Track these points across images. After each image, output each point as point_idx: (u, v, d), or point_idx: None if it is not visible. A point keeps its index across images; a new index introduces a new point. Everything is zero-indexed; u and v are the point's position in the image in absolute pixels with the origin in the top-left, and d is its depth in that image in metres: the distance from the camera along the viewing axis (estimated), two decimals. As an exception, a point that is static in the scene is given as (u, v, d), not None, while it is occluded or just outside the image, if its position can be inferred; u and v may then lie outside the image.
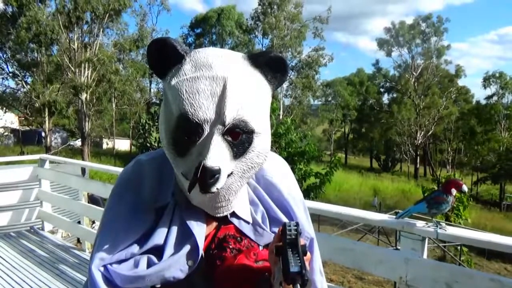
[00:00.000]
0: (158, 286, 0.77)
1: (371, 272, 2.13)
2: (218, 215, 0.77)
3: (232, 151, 0.68)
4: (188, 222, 0.76)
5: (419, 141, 35.66)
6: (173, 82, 0.69)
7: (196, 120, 0.66)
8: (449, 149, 35.16)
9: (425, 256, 1.94)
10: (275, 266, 0.67)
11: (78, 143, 27.04)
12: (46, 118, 22.13)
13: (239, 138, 0.68)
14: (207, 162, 0.64)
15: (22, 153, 22.14)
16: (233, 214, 0.79)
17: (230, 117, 0.66)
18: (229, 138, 0.68)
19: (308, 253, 0.72)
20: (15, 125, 28.91)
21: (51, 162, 4.93)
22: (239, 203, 0.79)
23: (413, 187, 25.96)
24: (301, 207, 0.87)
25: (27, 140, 28.51)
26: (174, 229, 0.76)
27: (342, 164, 11.83)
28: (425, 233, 1.88)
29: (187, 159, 0.69)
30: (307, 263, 0.65)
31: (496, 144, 30.38)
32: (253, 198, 0.83)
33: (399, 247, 2.17)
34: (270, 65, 0.74)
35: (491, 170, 26.93)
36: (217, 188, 0.66)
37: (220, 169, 0.65)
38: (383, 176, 34.30)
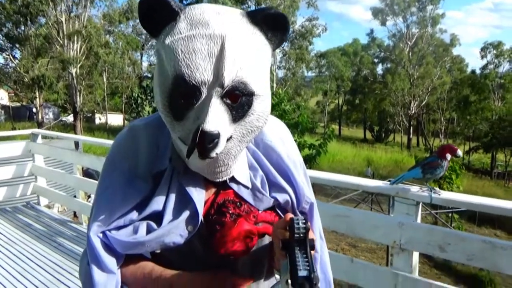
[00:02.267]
0: (158, 251, 0.77)
1: (366, 238, 2.17)
2: (217, 180, 0.75)
3: (231, 114, 0.66)
4: (186, 188, 0.74)
5: (413, 112, 35.78)
6: (168, 41, 0.65)
7: (193, 82, 0.63)
8: (442, 119, 35.37)
9: (418, 220, 1.98)
10: (281, 259, 0.65)
11: (70, 118, 26.77)
12: (37, 94, 21.78)
13: (239, 100, 0.66)
14: (205, 126, 0.61)
15: (13, 129, 21.92)
16: (232, 179, 0.77)
17: (229, 78, 0.63)
18: (228, 101, 0.65)
19: (316, 243, 0.70)
20: (5, 101, 28.47)
21: (43, 137, 4.89)
22: (238, 167, 0.77)
23: (406, 157, 26.25)
24: (301, 171, 0.85)
25: (18, 116, 28.14)
26: (173, 195, 0.74)
27: (335, 136, 11.89)
28: (419, 198, 1.91)
29: (184, 123, 0.67)
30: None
31: (489, 113, 30.56)
32: (252, 162, 0.81)
33: (392, 215, 2.20)
34: (270, 23, 0.70)
35: (483, 139, 27.19)
36: (216, 153, 0.64)
37: (219, 133, 0.62)
38: (376, 146, 34.58)
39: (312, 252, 0.66)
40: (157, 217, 0.73)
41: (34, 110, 24.41)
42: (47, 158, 4.91)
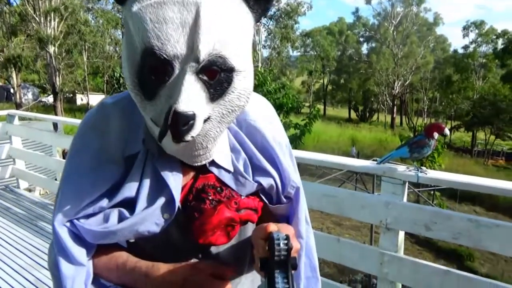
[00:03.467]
0: (132, 240, 0.72)
1: (353, 218, 2.16)
2: (195, 164, 0.69)
3: (208, 92, 0.59)
4: (162, 172, 0.68)
5: (396, 91, 36.09)
6: (135, 8, 0.57)
7: (164, 55, 0.55)
8: (425, 98, 35.82)
9: (405, 200, 1.97)
10: (260, 275, 0.59)
11: (50, 99, 26.03)
12: (13, 73, 21.03)
13: (216, 77, 0.58)
14: (178, 106, 0.54)
15: (-9, 111, 21.24)
16: (213, 163, 0.71)
17: (205, 52, 0.56)
18: (205, 78, 0.58)
19: (296, 246, 0.65)
20: (-19, 81, 27.51)
21: (20, 118, 4.72)
22: (219, 150, 0.71)
23: (389, 136, 26.61)
24: (287, 153, 0.79)
25: (-5, 96, 27.27)
26: (147, 180, 0.68)
27: (321, 116, 11.87)
28: (406, 177, 1.89)
29: (156, 102, 0.59)
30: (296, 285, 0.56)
31: (471, 93, 31.05)
32: (234, 144, 0.74)
33: (378, 195, 2.19)
34: None
35: (465, 118, 27.71)
36: (192, 136, 0.57)
37: (194, 114, 0.56)
38: (361, 126, 34.92)
39: (297, 268, 0.60)
40: (130, 204, 0.67)
41: (12, 90, 23.62)
42: (26, 140, 4.76)
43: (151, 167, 0.68)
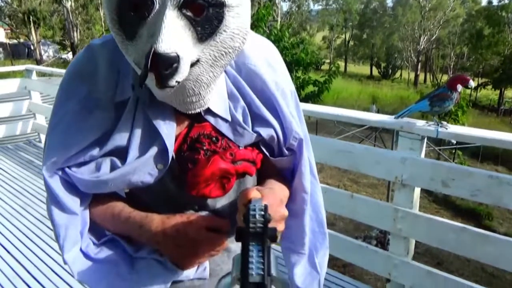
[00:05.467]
0: (127, 190, 0.70)
1: (368, 173, 2.12)
2: (189, 112, 0.63)
3: (195, 31, 0.52)
4: (153, 120, 0.63)
5: (422, 46, 34.57)
6: None
7: None
8: (452, 54, 34.24)
9: (422, 156, 1.90)
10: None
11: (70, 56, 26.12)
12: (32, 29, 21.04)
13: (204, 13, 0.52)
14: (159, 46, 0.48)
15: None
16: (208, 111, 0.65)
17: None
18: (189, 13, 0.51)
19: (282, 213, 0.60)
20: (2, 38, 27.69)
21: (40, 74, 4.75)
22: (215, 97, 0.65)
23: (412, 94, 25.87)
24: (291, 102, 0.73)
25: (17, 54, 27.51)
26: (138, 128, 0.63)
27: (341, 72, 11.50)
28: (424, 132, 1.81)
29: (137, 42, 0.54)
30: (273, 260, 0.50)
31: (502, 48, 29.43)
32: (232, 91, 0.67)
33: (395, 151, 2.13)
34: None
35: (493, 75, 26.51)
36: (177, 81, 0.52)
37: (178, 55, 0.50)
38: (382, 83, 33.99)
39: (277, 240, 0.54)
40: (122, 153, 0.63)
41: (32, 47, 23.77)
42: (45, 96, 4.81)
43: (142, 114, 0.64)
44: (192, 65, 0.54)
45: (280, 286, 0.52)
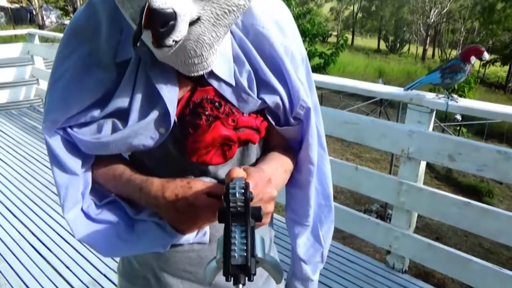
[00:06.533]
0: (129, 153, 0.68)
1: (374, 146, 2.10)
2: (192, 74, 0.59)
3: None
4: (155, 82, 0.60)
5: (432, 20, 33.72)
6: None
7: None
8: (463, 29, 33.43)
9: (430, 129, 1.88)
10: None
11: (72, 22, 25.62)
12: (34, -7, 20.62)
13: None
14: (153, 1, 0.45)
15: (15, 33, 21.21)
16: (212, 74, 0.62)
17: None
18: None
19: (269, 207, 0.57)
20: (4, 2, 27.15)
21: (42, 40, 4.68)
22: (219, 60, 0.61)
23: (419, 68, 25.44)
24: (301, 68, 0.68)
25: (18, 18, 27.06)
26: (140, 90, 0.61)
27: (348, 45, 11.25)
28: (434, 105, 1.79)
29: None
30: (258, 241, 0.48)
31: (513, 23, 28.67)
32: (238, 54, 0.63)
33: (402, 124, 2.10)
34: None
35: (503, 51, 25.95)
36: (174, 41, 0.48)
37: (174, 11, 0.46)
38: (390, 57, 33.43)
39: (262, 222, 0.52)
40: (124, 115, 0.61)
41: (34, 12, 23.33)
42: (49, 62, 4.77)
43: (144, 76, 0.61)
44: (192, 23, 0.51)
45: (270, 268, 0.51)
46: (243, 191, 0.47)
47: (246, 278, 0.44)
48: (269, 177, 0.59)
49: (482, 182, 9.39)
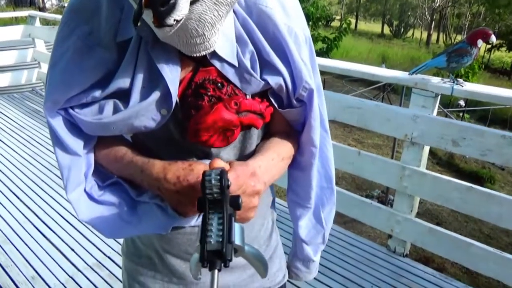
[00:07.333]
0: (131, 135, 0.68)
1: (377, 130, 2.09)
2: (194, 54, 0.59)
3: None
4: (157, 62, 0.59)
5: (437, 4, 33.20)
6: None
7: None
8: (468, 13, 32.93)
9: (434, 114, 1.87)
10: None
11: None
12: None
13: None
14: None
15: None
16: (215, 55, 0.61)
17: None
18: None
19: (253, 201, 0.57)
20: (3, -16, 26.82)
21: (43, 23, 4.64)
22: (222, 40, 0.60)
23: (423, 54, 25.13)
24: (305, 49, 0.67)
25: (19, 0, 26.76)
26: (141, 71, 0.60)
27: (351, 30, 11.12)
28: (439, 89, 1.77)
29: None
30: (237, 229, 0.48)
31: (521, 8, 28.18)
32: (241, 34, 0.62)
33: (406, 108, 2.09)
34: None
35: (509, 36, 25.60)
36: (175, 20, 0.47)
37: None
38: (393, 42, 33.02)
39: (246, 217, 0.52)
40: (125, 96, 0.60)
41: (34, -6, 23.08)
42: (50, 45, 4.73)
43: (146, 56, 0.60)
44: (193, 2, 0.50)
45: (253, 259, 0.52)
46: (218, 177, 0.47)
47: (222, 264, 0.45)
48: (253, 170, 0.59)
49: (484, 168, 9.39)
